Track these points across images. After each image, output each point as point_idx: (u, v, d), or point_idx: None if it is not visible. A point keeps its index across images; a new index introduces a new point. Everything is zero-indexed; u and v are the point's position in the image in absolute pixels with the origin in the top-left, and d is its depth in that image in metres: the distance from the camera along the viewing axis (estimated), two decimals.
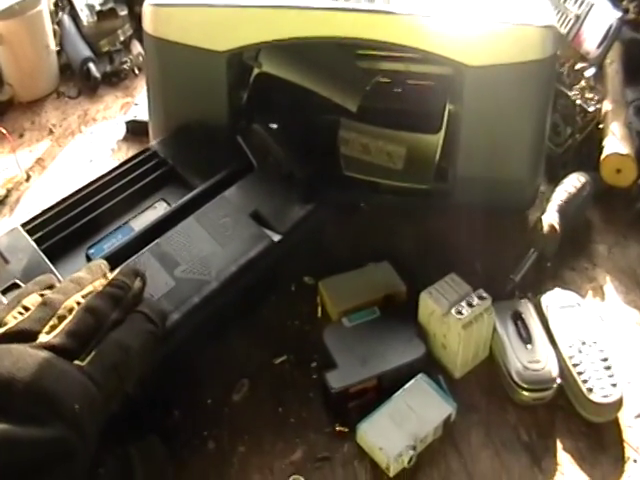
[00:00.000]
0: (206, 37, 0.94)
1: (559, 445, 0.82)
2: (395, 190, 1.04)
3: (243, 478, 0.78)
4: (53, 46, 1.27)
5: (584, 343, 0.87)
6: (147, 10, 0.95)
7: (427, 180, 1.03)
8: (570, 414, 0.84)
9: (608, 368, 0.85)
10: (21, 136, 1.20)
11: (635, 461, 0.81)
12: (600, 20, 1.16)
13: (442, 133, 1.02)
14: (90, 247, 0.85)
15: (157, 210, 0.89)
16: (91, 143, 1.18)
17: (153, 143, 0.97)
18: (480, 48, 0.91)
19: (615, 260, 1.01)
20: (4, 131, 1.13)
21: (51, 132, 1.20)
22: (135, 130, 1.17)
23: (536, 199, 1.05)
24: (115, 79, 1.29)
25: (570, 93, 1.10)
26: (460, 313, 0.83)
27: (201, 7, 0.94)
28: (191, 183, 0.91)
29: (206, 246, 0.83)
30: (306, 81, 1.04)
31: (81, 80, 1.29)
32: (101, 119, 1.23)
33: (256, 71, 1.04)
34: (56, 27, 1.31)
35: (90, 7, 1.30)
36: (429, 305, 0.86)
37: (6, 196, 1.09)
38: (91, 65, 1.27)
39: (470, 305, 0.84)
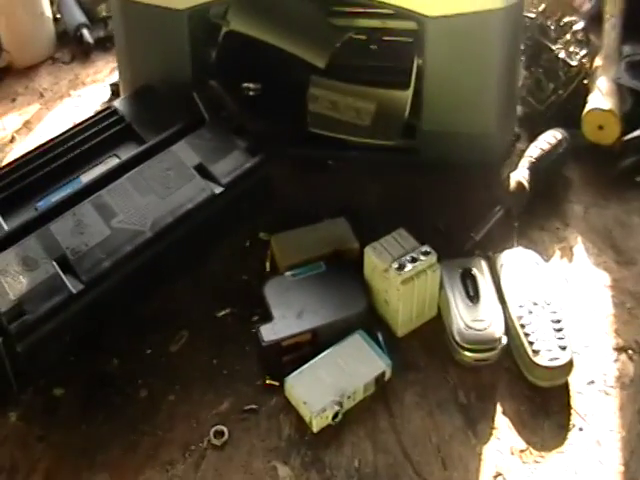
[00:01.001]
0: None
1: (499, 409, 0.78)
2: (362, 147, 1.01)
3: (169, 426, 0.78)
4: (49, 13, 1.30)
5: (536, 304, 0.82)
6: None
7: (394, 136, 0.99)
8: (516, 377, 0.80)
9: (559, 330, 0.80)
10: (13, 100, 1.24)
11: (581, 429, 0.77)
12: None
13: (411, 89, 0.99)
14: (39, 200, 0.87)
15: (107, 165, 0.90)
16: (77, 106, 1.21)
17: (115, 102, 0.98)
18: None
19: (590, 221, 0.96)
20: None
21: (42, 96, 1.24)
22: (118, 92, 1.18)
23: (508, 155, 1.00)
24: (109, 44, 1.30)
25: (554, 47, 1.05)
26: (401, 268, 0.81)
27: None
28: (145, 139, 0.92)
29: (146, 198, 0.84)
30: (275, 39, 1.02)
31: (75, 46, 1.31)
32: (90, 82, 1.25)
33: (224, 29, 1.03)
34: None
35: None
36: (372, 260, 0.84)
37: None
38: (84, 30, 1.29)
39: (413, 260, 0.81)
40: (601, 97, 1.00)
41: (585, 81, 1.04)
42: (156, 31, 0.98)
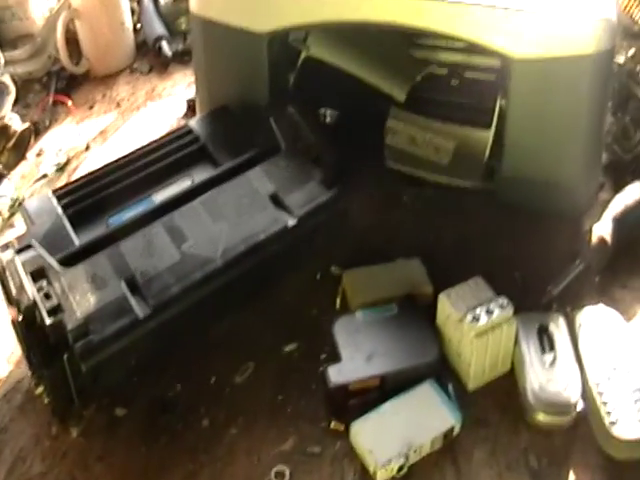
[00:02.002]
0: (247, 17, 0.93)
1: (571, 477, 0.74)
2: (439, 186, 0.99)
3: (230, 460, 0.77)
4: (129, 24, 1.31)
5: (615, 369, 0.78)
6: None
7: (473, 178, 0.97)
8: (590, 446, 0.76)
9: (639, 401, 0.76)
10: (91, 108, 1.25)
11: None
12: None
13: (493, 129, 0.96)
14: (111, 216, 0.87)
15: (180, 185, 0.89)
16: (153, 118, 1.21)
17: (191, 121, 0.97)
18: (527, 39, 0.85)
19: None
20: (69, 103, 1.19)
21: (119, 105, 1.24)
22: (194, 108, 1.17)
23: (591, 206, 0.96)
24: (187, 58, 1.30)
25: None
26: (476, 320, 0.77)
27: None
28: (219, 162, 0.91)
29: (218, 224, 0.82)
30: (354, 67, 1.00)
31: (154, 57, 1.32)
32: (167, 95, 1.25)
33: (304, 54, 1.02)
34: (135, 5, 1.35)
35: None
36: (446, 308, 0.80)
37: (66, 163, 1.14)
38: (163, 43, 1.30)
39: (489, 313, 0.78)
40: None
41: None
42: (235, 53, 0.97)
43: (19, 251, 0.80)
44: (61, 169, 1.13)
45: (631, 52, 1.07)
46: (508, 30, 0.85)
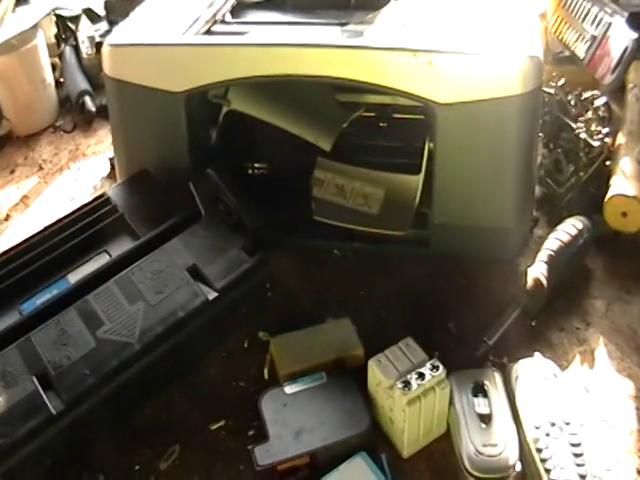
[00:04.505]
0: (162, 78, 0.90)
1: None
2: (369, 237, 0.95)
3: None
4: (51, 80, 1.27)
5: (553, 424, 0.76)
6: (105, 50, 0.92)
7: (404, 226, 0.94)
8: None
9: (578, 455, 0.73)
10: (12, 172, 1.21)
11: None
12: (615, 42, 1.03)
13: (422, 173, 0.93)
14: (23, 301, 0.83)
15: (97, 262, 0.85)
16: (76, 180, 1.17)
17: (109, 189, 0.94)
18: (450, 84, 0.82)
19: (613, 319, 0.89)
20: None
21: (41, 168, 1.20)
22: None
23: (524, 248, 0.94)
24: None
25: (574, 125, 0.98)
26: (407, 387, 0.74)
27: (156, 47, 0.90)
28: (138, 233, 0.87)
29: (135, 305, 0.79)
30: (277, 119, 0.97)
31: (78, 113, 1.28)
32: (91, 154, 1.22)
33: (225, 109, 0.98)
34: (57, 60, 1.31)
35: (90, 39, 1.29)
36: (376, 375, 0.77)
37: None
38: (87, 98, 1.26)
39: (421, 377, 0.75)
40: (624, 181, 0.93)
41: (607, 162, 0.97)
42: (152, 114, 0.93)
43: None
44: None
45: (561, 82, 1.05)
46: (430, 75, 0.82)
